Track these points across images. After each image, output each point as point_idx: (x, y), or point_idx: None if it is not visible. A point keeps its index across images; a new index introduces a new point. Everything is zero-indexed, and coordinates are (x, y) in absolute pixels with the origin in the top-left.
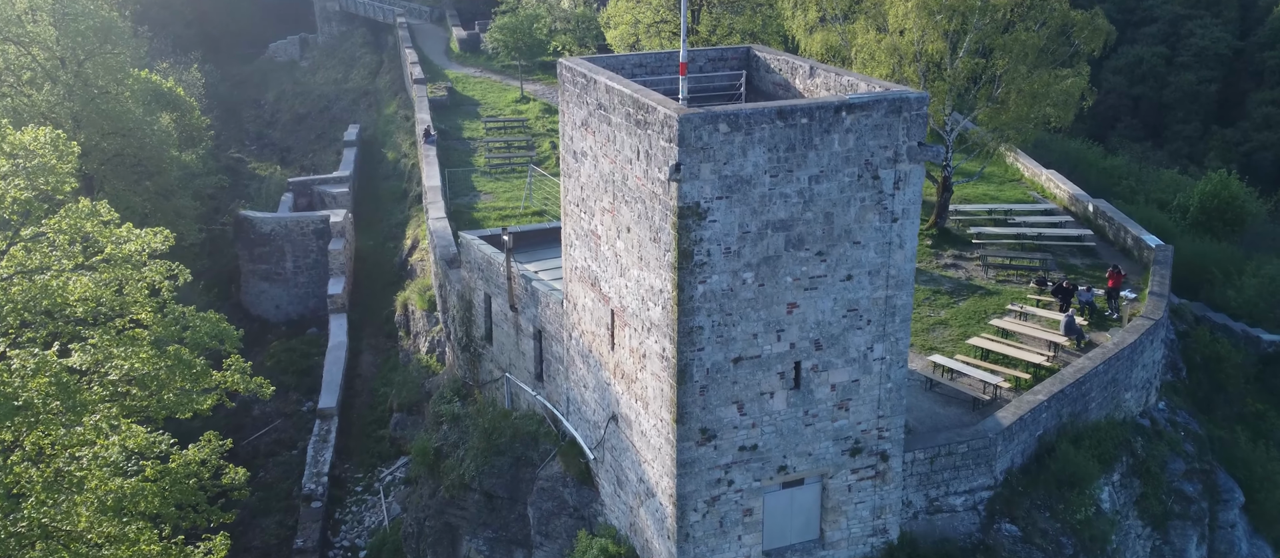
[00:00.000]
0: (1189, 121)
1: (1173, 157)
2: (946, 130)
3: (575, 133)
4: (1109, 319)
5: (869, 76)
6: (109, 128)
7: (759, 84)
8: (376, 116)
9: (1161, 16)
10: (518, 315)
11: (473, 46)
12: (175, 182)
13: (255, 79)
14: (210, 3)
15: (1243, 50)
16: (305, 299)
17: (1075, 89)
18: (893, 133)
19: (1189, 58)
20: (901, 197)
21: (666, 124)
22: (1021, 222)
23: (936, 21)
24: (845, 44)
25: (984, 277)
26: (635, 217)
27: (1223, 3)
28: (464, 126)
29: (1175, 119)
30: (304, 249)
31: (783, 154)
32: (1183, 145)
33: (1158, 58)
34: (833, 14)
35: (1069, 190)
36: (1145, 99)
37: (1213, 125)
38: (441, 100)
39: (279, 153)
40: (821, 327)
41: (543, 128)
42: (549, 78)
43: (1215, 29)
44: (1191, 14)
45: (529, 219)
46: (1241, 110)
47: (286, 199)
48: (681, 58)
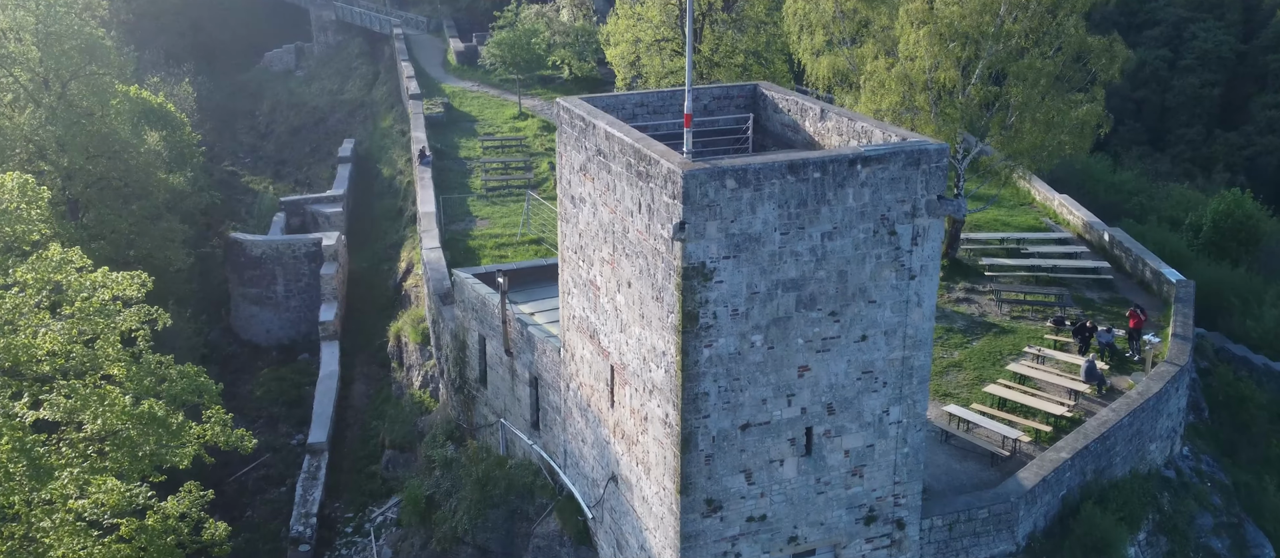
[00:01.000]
0: (1192, 125)
1: (1175, 160)
2: (958, 158)
3: (573, 177)
4: (1130, 361)
5: (883, 123)
6: (94, 150)
7: (767, 123)
8: (372, 129)
9: (1164, 19)
10: (513, 360)
11: (470, 59)
12: (163, 204)
13: (250, 89)
14: (205, 11)
15: (1246, 53)
16: (297, 323)
17: (1091, 117)
18: (910, 186)
19: (1192, 61)
20: (920, 252)
21: (670, 179)
22: (1036, 253)
23: (949, 49)
24: (853, 69)
25: (998, 313)
26: (636, 272)
27: (1226, 5)
28: (460, 145)
29: (1178, 123)
30: (295, 273)
31: (794, 210)
32: (1186, 149)
33: (1160, 61)
34: (840, 38)
35: (1083, 217)
36: (1148, 103)
37: (1216, 129)
38: (438, 117)
39: (273, 166)
40: (835, 390)
41: (541, 146)
42: (548, 92)
43: (1218, 32)
44: (1194, 17)
45: (526, 246)
46: (1245, 114)
47: (279, 219)
48: (686, 108)
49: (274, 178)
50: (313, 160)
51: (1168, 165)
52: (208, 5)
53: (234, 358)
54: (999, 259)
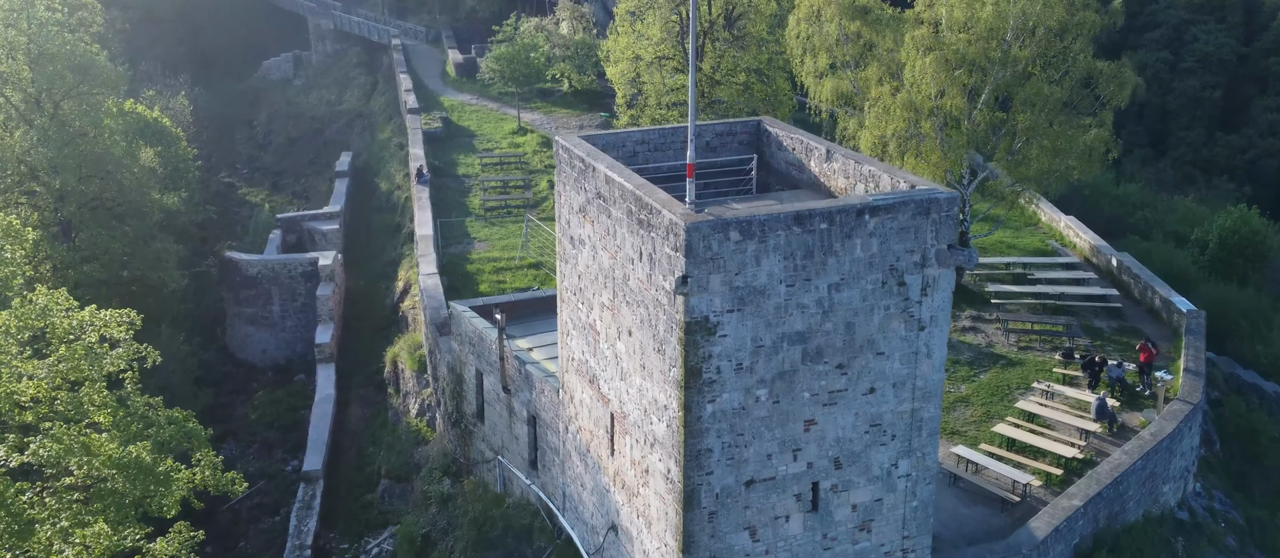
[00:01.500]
0: (1193, 128)
1: (1176, 163)
2: (964, 183)
3: (573, 218)
4: (1140, 396)
5: (891, 166)
6: (87, 170)
7: (771, 160)
8: (370, 141)
9: (1165, 22)
10: (511, 398)
11: (469, 71)
12: (156, 225)
13: (248, 97)
14: (203, 18)
15: (1247, 56)
16: (293, 343)
17: (1099, 142)
18: (920, 235)
19: (1193, 63)
20: (929, 303)
21: (672, 231)
22: (1043, 279)
23: (955, 76)
24: (856, 91)
25: (1005, 343)
26: (637, 321)
27: (1227, 7)
28: (459, 161)
29: (1178, 125)
30: (292, 293)
31: (800, 261)
32: (1186, 152)
33: (1161, 63)
34: (843, 61)
35: (1090, 241)
36: (1149, 105)
37: (1217, 132)
38: (436, 132)
39: (271, 178)
40: (842, 444)
41: (540, 163)
42: (547, 106)
43: (1219, 34)
44: (1195, 19)
45: (524, 270)
46: (1246, 116)
47: (275, 236)
48: (689, 158)
49: (271, 190)
50: (310, 172)
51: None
52: (206, 13)
53: (229, 378)
54: (1006, 286)
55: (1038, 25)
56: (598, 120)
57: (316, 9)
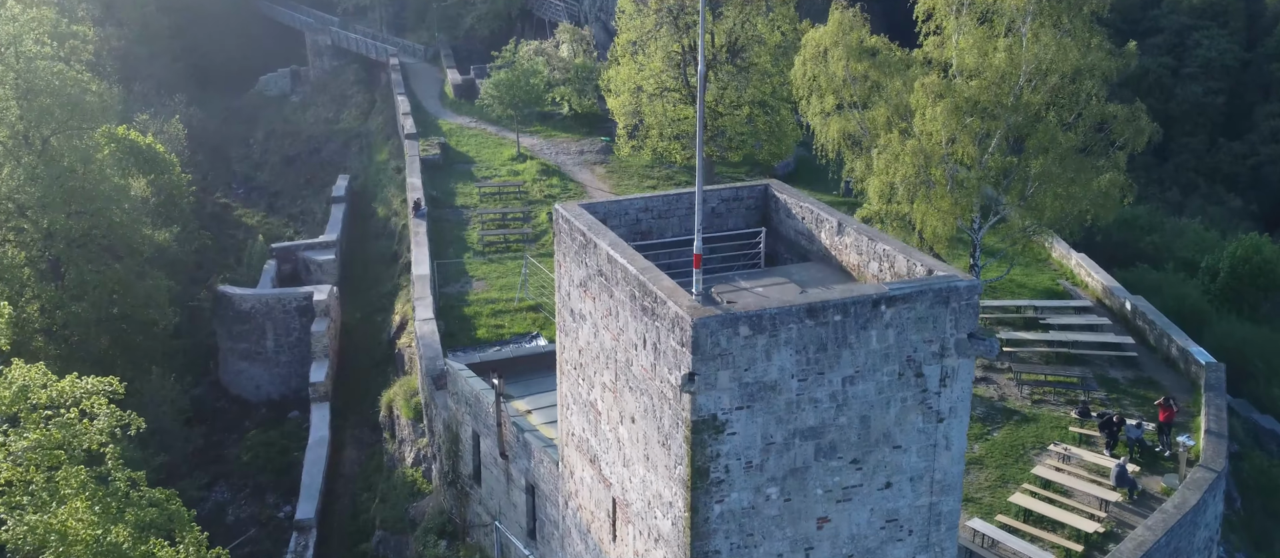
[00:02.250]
0: (1196, 135)
1: (1179, 170)
2: (974, 229)
3: (573, 290)
4: (1160, 457)
5: (907, 246)
6: (76, 207)
7: (779, 227)
8: (368, 163)
9: (1167, 27)
10: (509, 464)
11: (468, 93)
12: (147, 261)
13: (244, 114)
14: (200, 34)
15: (1250, 62)
16: (287, 379)
17: (1114, 186)
18: (939, 324)
19: (1195, 69)
20: (949, 394)
21: (678, 324)
22: (1055, 325)
23: (967, 124)
24: (864, 132)
25: (1018, 396)
26: (641, 410)
27: (1229, 13)
28: (457, 191)
29: (1181, 132)
30: (286, 327)
31: (813, 355)
32: (1189, 159)
33: (1163, 69)
34: (850, 101)
35: (1102, 281)
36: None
37: (1220, 139)
38: (434, 159)
39: (267, 198)
40: (856, 541)
41: (539, 193)
42: (547, 130)
43: (1222, 40)
44: (1198, 24)
45: (523, 313)
46: (1249, 123)
47: (270, 267)
48: (696, 248)
49: (267, 211)
50: (307, 193)
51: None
52: (203, 28)
53: (222, 414)
54: (1018, 333)
55: (1051, 70)
56: (598, 145)
57: (314, 25)
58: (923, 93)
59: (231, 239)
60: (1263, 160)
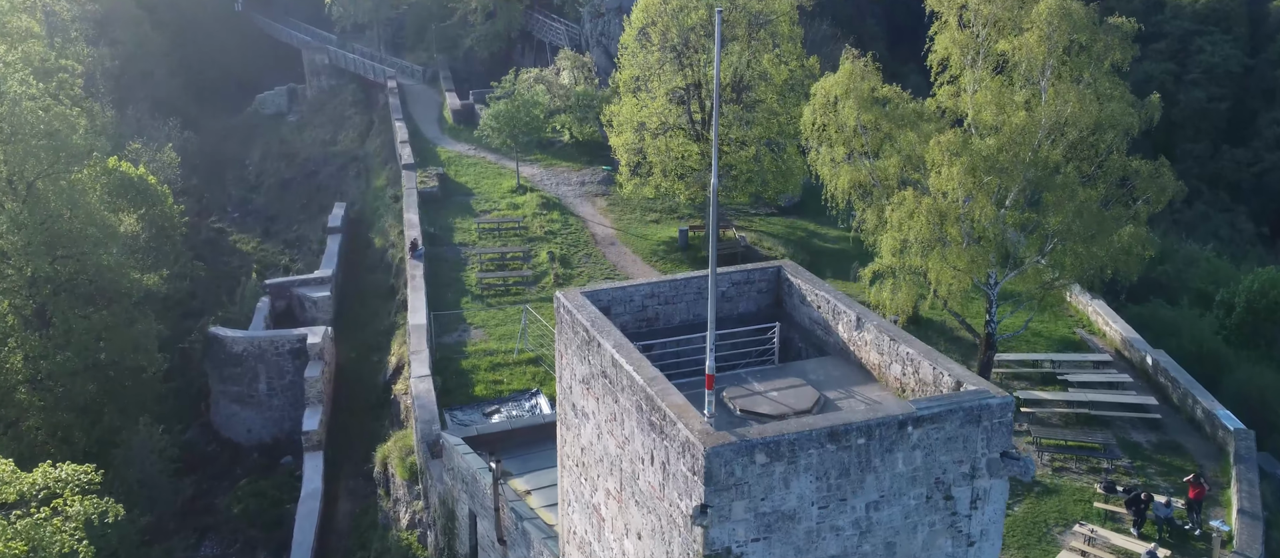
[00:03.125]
0: (1199, 141)
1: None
2: (990, 284)
3: (576, 385)
4: (1190, 536)
5: (932, 350)
6: (62, 251)
7: (793, 313)
8: (365, 188)
9: (1170, 32)
10: (506, 550)
11: (467, 118)
12: (135, 307)
13: (241, 133)
14: (196, 51)
15: (1253, 68)
16: (280, 422)
17: (1135, 241)
18: (969, 445)
19: (1198, 75)
20: (980, 516)
21: (689, 450)
22: (1075, 383)
23: (985, 183)
24: (875, 182)
25: (1039, 463)
26: (648, 527)
27: (1232, 18)
28: (455, 226)
29: (1184, 138)
30: (279, 370)
31: (835, 481)
32: (1192, 165)
33: (1166, 75)
34: (861, 151)
35: (1121, 332)
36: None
37: (1223, 145)
38: (432, 192)
39: (262, 223)
40: None
41: (540, 228)
42: (547, 158)
43: (1225, 46)
44: (1201, 30)
45: (522, 366)
46: (1253, 129)
47: (263, 305)
48: (708, 368)
49: (263, 237)
50: (303, 218)
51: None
52: (199, 46)
53: (213, 459)
54: (1036, 392)
55: (1071, 125)
56: (599, 175)
57: (312, 43)
58: (939, 150)
59: (226, 266)
60: (1266, 167)
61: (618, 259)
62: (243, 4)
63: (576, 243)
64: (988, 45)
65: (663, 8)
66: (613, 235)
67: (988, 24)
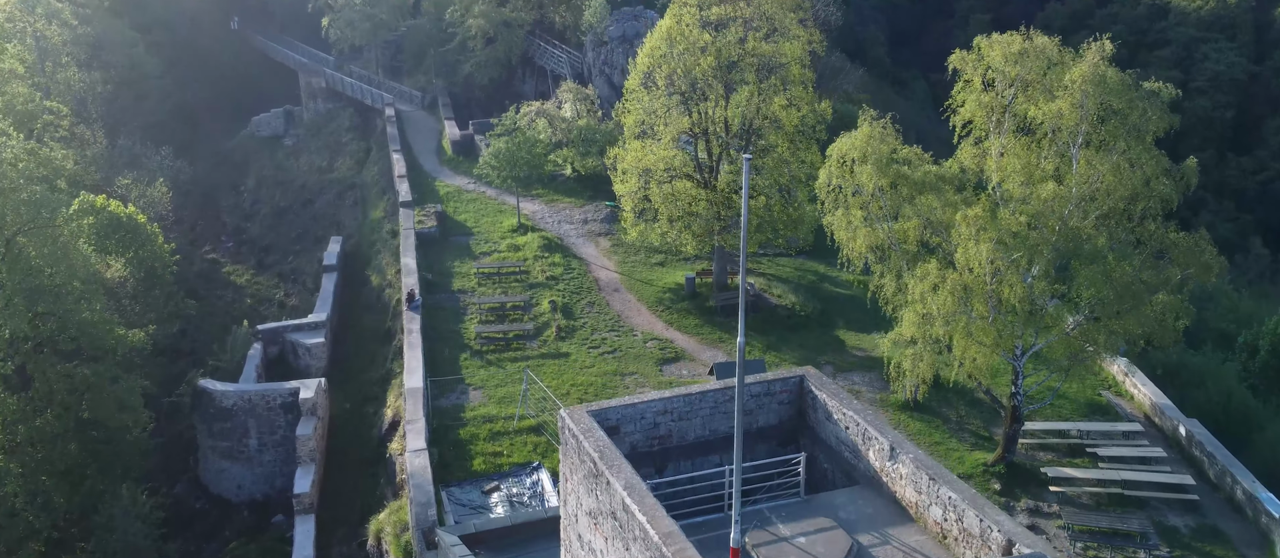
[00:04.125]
0: (1204, 150)
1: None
2: (1017, 356)
3: (582, 516)
4: None
5: (976, 496)
6: (43, 308)
7: (817, 429)
8: (362, 220)
9: (1174, 40)
10: None
11: (467, 149)
12: (119, 364)
13: (236, 158)
14: (190, 73)
15: (1258, 75)
16: (271, 478)
17: (1171, 311)
18: None
19: (1203, 83)
20: None
21: None
22: (1106, 458)
23: (1014, 260)
24: (893, 245)
25: (1071, 552)
26: None
27: (1237, 26)
28: (454, 271)
29: (1189, 147)
30: (270, 425)
31: None
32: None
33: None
34: (878, 214)
35: (1150, 396)
36: None
37: (1228, 153)
38: (430, 233)
39: (257, 253)
40: None
41: (541, 273)
42: (549, 194)
43: (1230, 53)
44: (1205, 37)
45: (523, 436)
46: (1258, 137)
47: (254, 352)
48: (734, 541)
49: (257, 269)
50: (298, 248)
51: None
52: (194, 67)
53: (201, 517)
54: (1066, 470)
55: (1104, 197)
56: (602, 212)
57: (309, 65)
58: (966, 225)
59: (219, 301)
60: (1272, 176)
61: (622, 308)
62: (239, 22)
63: (579, 289)
64: (1015, 107)
65: (669, 52)
66: (616, 280)
67: (1015, 85)
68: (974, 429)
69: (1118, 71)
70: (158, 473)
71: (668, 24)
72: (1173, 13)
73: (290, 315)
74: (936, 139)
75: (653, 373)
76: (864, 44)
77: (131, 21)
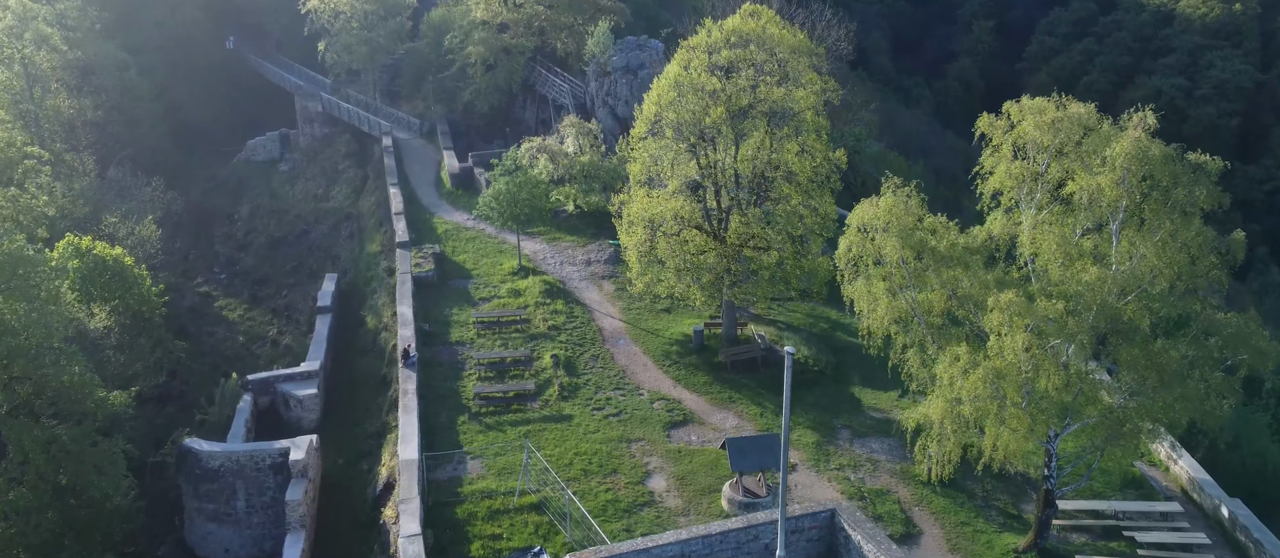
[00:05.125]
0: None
1: None
2: (1051, 439)
3: None
4: None
5: None
6: (19, 371)
7: None
8: (358, 254)
9: (1179, 47)
10: None
11: (466, 183)
12: (99, 429)
13: (230, 184)
14: (184, 95)
15: (1265, 83)
16: (259, 541)
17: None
18: None
19: (1209, 90)
20: None
21: None
22: (1145, 543)
23: (1052, 350)
24: (917, 317)
25: None
26: None
27: (1243, 33)
28: (452, 320)
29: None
30: (259, 487)
31: None
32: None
33: (1176, 90)
34: (901, 284)
35: (1188, 470)
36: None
37: (1235, 162)
38: (427, 277)
39: (250, 286)
40: None
41: (543, 322)
42: (551, 232)
43: (1236, 61)
44: (1211, 44)
45: (524, 515)
46: (1265, 146)
47: (244, 405)
48: None
49: (250, 303)
50: (293, 281)
51: None
52: (187, 88)
53: None
54: (1101, 557)
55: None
56: (606, 252)
57: (305, 89)
58: (998, 313)
59: (210, 338)
60: (1279, 186)
61: (627, 362)
62: (234, 42)
63: (582, 340)
64: (1048, 176)
65: (677, 100)
66: (621, 329)
67: (1048, 154)
68: (1001, 506)
69: (1162, 145)
70: (141, 535)
71: (675, 71)
72: (1177, 19)
73: (283, 355)
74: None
75: (660, 439)
76: (867, 52)
77: (124, 42)
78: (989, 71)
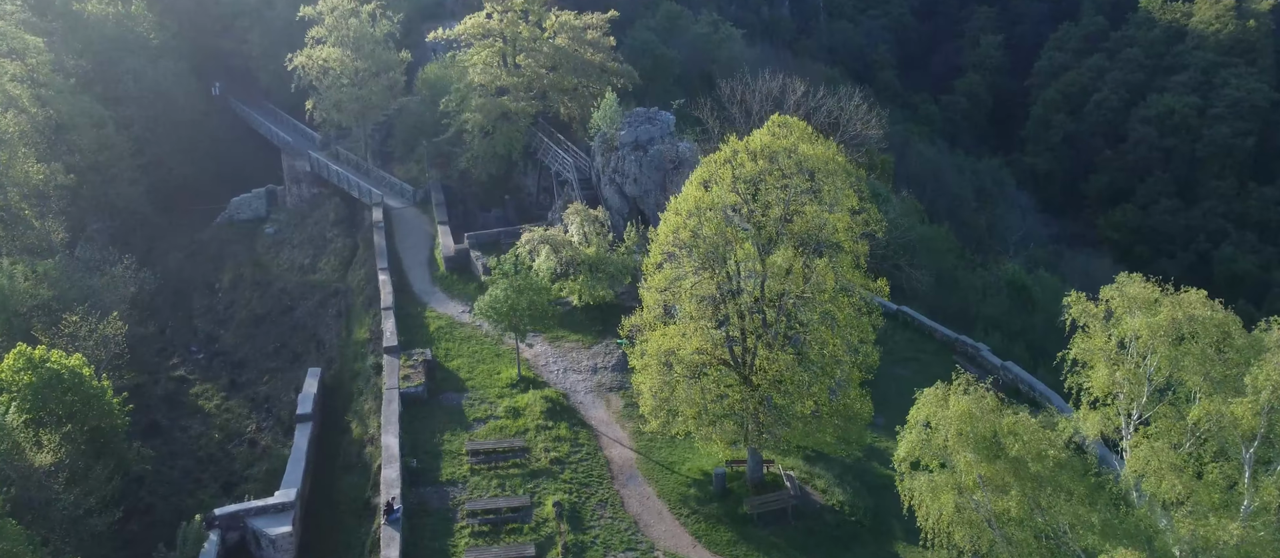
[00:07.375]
0: (1224, 177)
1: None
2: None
3: None
4: None
5: None
6: None
7: None
8: (345, 341)
9: (1192, 64)
10: None
11: (462, 267)
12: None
13: (212, 248)
14: (165, 149)
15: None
16: None
17: None
18: None
19: (1223, 109)
20: None
21: None
22: None
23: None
24: (994, 528)
25: None
26: None
27: (1258, 50)
28: (443, 449)
29: (1209, 174)
30: None
31: None
32: (1218, 204)
33: (1189, 108)
34: (976, 496)
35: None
36: (1177, 152)
37: (1250, 182)
38: (417, 393)
39: (230, 370)
40: None
41: (544, 451)
42: (553, 330)
43: (1251, 79)
44: (1225, 62)
45: None
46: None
47: (210, 546)
48: None
49: (228, 391)
50: (275, 366)
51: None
52: (168, 142)
53: None
54: None
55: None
56: (614, 355)
57: (293, 146)
58: None
59: (183, 436)
60: None
61: (640, 509)
62: (221, 88)
63: (589, 478)
64: (1156, 377)
65: (699, 227)
66: (632, 462)
67: (1158, 356)
68: None
69: None
70: None
71: (696, 194)
72: (1191, 36)
73: (261, 458)
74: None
75: None
76: (872, 67)
77: (102, 93)
78: (997, 87)
